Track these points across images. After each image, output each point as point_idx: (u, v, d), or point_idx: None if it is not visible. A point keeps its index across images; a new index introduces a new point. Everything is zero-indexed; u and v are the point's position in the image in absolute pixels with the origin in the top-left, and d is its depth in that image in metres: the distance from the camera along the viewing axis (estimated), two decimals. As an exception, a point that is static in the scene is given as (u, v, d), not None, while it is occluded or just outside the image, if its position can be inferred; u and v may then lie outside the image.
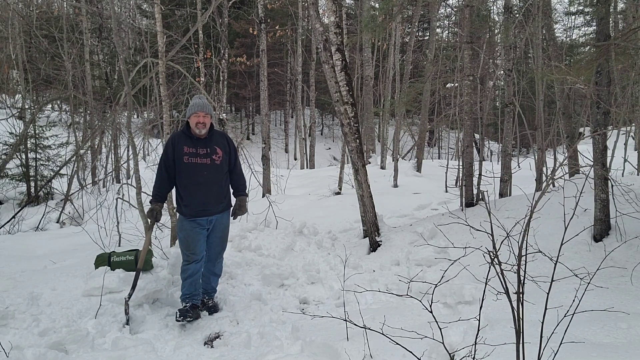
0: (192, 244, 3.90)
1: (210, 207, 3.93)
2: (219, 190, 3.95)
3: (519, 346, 1.85)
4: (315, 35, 5.68)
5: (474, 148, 6.90)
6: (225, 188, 4.03)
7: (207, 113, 3.83)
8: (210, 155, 3.85)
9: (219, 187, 3.94)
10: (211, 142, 3.89)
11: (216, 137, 3.96)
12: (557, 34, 20.52)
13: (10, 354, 3.04)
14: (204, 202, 3.88)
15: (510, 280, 1.90)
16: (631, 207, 4.45)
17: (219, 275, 4.25)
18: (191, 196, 3.87)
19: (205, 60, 13.62)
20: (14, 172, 10.29)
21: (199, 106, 3.79)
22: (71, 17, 15.96)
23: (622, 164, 7.01)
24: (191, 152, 3.82)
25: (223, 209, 4.03)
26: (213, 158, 3.86)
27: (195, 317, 3.88)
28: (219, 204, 3.97)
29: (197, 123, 3.81)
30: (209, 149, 3.85)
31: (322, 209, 8.00)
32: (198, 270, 3.98)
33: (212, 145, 3.88)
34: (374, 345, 2.88)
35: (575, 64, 5.64)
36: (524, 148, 20.21)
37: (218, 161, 3.88)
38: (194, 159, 3.82)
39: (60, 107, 19.14)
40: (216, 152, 3.88)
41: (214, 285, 4.21)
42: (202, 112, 3.79)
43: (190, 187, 3.86)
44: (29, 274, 4.46)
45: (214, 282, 4.21)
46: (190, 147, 3.83)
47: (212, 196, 3.91)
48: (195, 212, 3.89)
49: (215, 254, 4.12)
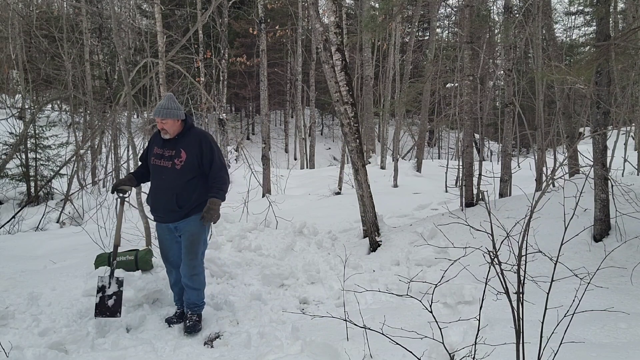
0: (164, 250, 3.75)
1: (161, 214, 3.67)
2: (174, 198, 3.58)
3: (519, 346, 1.85)
4: (315, 35, 5.68)
5: (474, 148, 6.90)
6: (185, 195, 3.61)
7: (164, 119, 3.50)
8: (173, 158, 3.57)
9: (174, 194, 3.58)
10: (179, 144, 3.59)
11: (188, 138, 3.61)
12: (557, 34, 20.52)
13: (10, 354, 3.04)
14: (156, 207, 3.68)
15: (510, 280, 1.90)
16: (631, 207, 4.45)
17: (197, 288, 3.77)
18: (151, 199, 3.73)
19: (205, 60, 13.64)
20: (14, 172, 10.29)
21: (157, 111, 3.49)
22: (71, 17, 15.98)
23: (622, 164, 7.00)
24: (157, 154, 3.63)
25: (182, 216, 3.63)
26: (174, 162, 3.56)
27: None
28: (173, 213, 3.61)
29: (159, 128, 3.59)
30: (174, 151, 3.58)
31: (322, 209, 8.00)
32: (178, 281, 3.79)
33: (178, 148, 3.58)
34: (374, 345, 2.88)
35: (575, 64, 5.64)
36: (524, 148, 20.20)
37: (179, 166, 3.56)
38: (158, 161, 3.62)
39: (60, 107, 19.14)
40: (180, 155, 3.56)
41: (189, 298, 3.77)
42: (158, 117, 3.50)
43: (151, 189, 3.72)
44: (29, 274, 4.46)
45: (190, 295, 3.76)
46: (159, 148, 3.64)
47: (166, 202, 3.60)
48: (154, 217, 3.76)
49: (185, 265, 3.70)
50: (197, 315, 3.79)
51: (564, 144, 7.88)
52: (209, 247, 5.17)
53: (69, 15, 16.27)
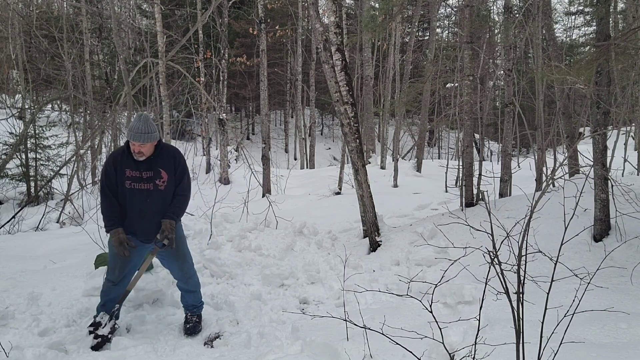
0: (123, 262, 3.47)
1: (147, 237, 3.52)
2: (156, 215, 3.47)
3: (519, 346, 1.85)
4: (315, 35, 5.68)
5: (474, 148, 6.90)
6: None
7: (142, 143, 3.28)
8: (153, 179, 3.39)
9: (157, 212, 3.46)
10: (156, 164, 3.39)
11: (163, 156, 3.43)
12: (557, 34, 20.51)
13: (10, 354, 3.04)
14: (141, 232, 3.49)
15: (510, 280, 1.90)
16: (631, 207, 4.45)
17: (193, 290, 3.77)
18: (134, 224, 3.47)
19: (205, 60, 13.63)
20: (14, 172, 10.30)
21: (136, 136, 3.24)
22: (71, 17, 15.98)
23: (622, 164, 7.01)
24: (134, 176, 3.37)
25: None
26: (157, 183, 3.40)
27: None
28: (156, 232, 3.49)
29: (134, 151, 3.34)
30: (153, 172, 3.39)
31: (322, 209, 8.01)
32: (117, 296, 3.56)
33: (156, 168, 3.39)
34: (374, 345, 2.88)
35: (575, 64, 5.64)
36: (524, 148, 20.20)
37: (162, 186, 3.42)
38: (137, 184, 3.38)
39: (60, 107, 19.14)
40: (160, 175, 3.40)
41: (187, 301, 3.77)
42: (137, 142, 3.26)
43: (132, 214, 3.44)
44: (29, 274, 4.46)
45: (188, 299, 3.76)
46: (133, 170, 3.36)
47: (155, 225, 3.45)
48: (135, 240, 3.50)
49: (177, 271, 3.69)
50: (197, 316, 3.79)
51: (564, 144, 7.88)
52: (209, 247, 5.18)
53: (69, 15, 16.28)
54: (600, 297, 3.21)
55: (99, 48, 14.39)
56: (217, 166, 12.56)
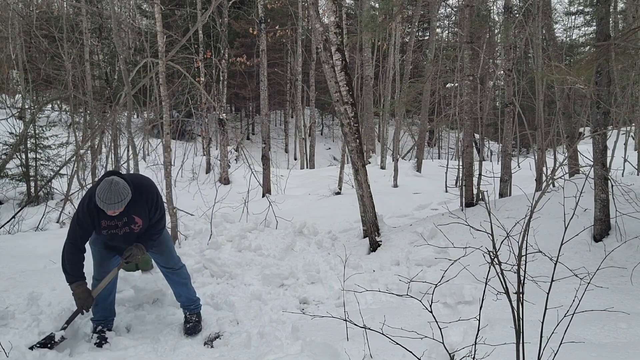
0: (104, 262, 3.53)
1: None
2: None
3: (519, 346, 1.85)
4: (315, 35, 5.68)
5: (474, 148, 6.90)
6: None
7: (116, 211, 3.21)
8: (128, 224, 3.40)
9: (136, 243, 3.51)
10: (129, 212, 3.34)
11: (135, 202, 3.32)
12: (557, 34, 20.51)
13: (10, 354, 3.04)
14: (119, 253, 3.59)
15: (510, 280, 1.90)
16: (631, 207, 4.45)
17: (184, 281, 3.80)
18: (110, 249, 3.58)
19: (205, 60, 13.63)
20: (14, 172, 10.29)
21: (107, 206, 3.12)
22: (71, 17, 15.97)
23: (622, 164, 7.01)
24: (110, 225, 3.37)
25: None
26: (132, 227, 3.42)
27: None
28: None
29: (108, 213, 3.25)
30: (127, 218, 3.37)
31: (322, 209, 8.01)
32: (108, 295, 3.59)
33: (130, 215, 3.37)
34: (374, 345, 2.88)
35: (575, 64, 5.64)
36: (524, 148, 20.20)
37: (137, 229, 3.45)
38: (113, 230, 3.39)
39: (60, 107, 19.14)
40: (134, 221, 3.41)
41: (181, 295, 3.79)
42: (113, 211, 3.18)
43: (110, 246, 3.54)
44: (29, 274, 4.46)
45: (181, 291, 3.79)
46: (108, 220, 3.34)
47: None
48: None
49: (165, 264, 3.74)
50: (196, 315, 3.79)
51: (564, 144, 7.88)
52: (209, 247, 5.18)
53: (69, 15, 16.27)
54: (600, 297, 3.21)
55: (99, 48, 14.41)
56: (217, 166, 12.57)
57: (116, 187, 3.11)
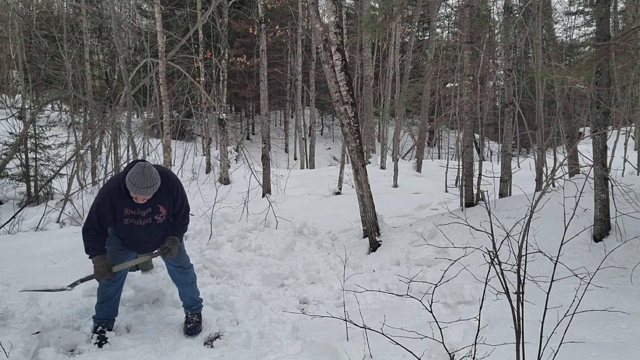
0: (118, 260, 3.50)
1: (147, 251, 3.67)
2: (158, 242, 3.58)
3: (519, 346, 1.85)
4: (315, 35, 5.68)
5: (474, 148, 6.90)
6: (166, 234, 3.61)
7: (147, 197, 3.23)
8: (151, 215, 3.40)
9: (158, 239, 3.56)
10: (154, 202, 3.34)
11: (161, 191, 3.32)
12: (557, 34, 20.51)
13: (10, 354, 3.04)
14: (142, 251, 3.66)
15: (510, 280, 1.90)
16: (631, 207, 4.45)
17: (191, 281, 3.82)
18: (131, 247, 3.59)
19: (205, 60, 13.64)
20: (14, 172, 10.30)
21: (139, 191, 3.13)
22: (71, 17, 15.98)
23: (622, 164, 7.00)
24: (132, 214, 3.35)
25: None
26: (155, 218, 3.41)
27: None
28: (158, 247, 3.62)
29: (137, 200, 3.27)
30: (151, 209, 3.38)
31: (322, 209, 8.01)
32: (115, 294, 3.60)
33: (155, 205, 3.37)
34: (374, 345, 2.88)
35: (575, 64, 5.64)
36: (524, 148, 20.20)
37: (160, 220, 3.44)
38: (135, 221, 3.37)
39: (60, 107, 19.14)
40: (159, 211, 3.41)
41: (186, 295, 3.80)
42: (141, 196, 3.20)
43: (127, 241, 3.52)
44: (29, 274, 4.46)
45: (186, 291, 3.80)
46: (131, 209, 3.33)
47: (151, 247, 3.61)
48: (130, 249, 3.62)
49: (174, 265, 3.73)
50: (197, 316, 3.79)
51: (564, 144, 7.88)
52: (209, 247, 5.18)
53: (69, 15, 16.28)
54: (600, 297, 3.21)
55: (99, 48, 14.40)
56: (217, 166, 12.57)
57: (149, 172, 3.14)
